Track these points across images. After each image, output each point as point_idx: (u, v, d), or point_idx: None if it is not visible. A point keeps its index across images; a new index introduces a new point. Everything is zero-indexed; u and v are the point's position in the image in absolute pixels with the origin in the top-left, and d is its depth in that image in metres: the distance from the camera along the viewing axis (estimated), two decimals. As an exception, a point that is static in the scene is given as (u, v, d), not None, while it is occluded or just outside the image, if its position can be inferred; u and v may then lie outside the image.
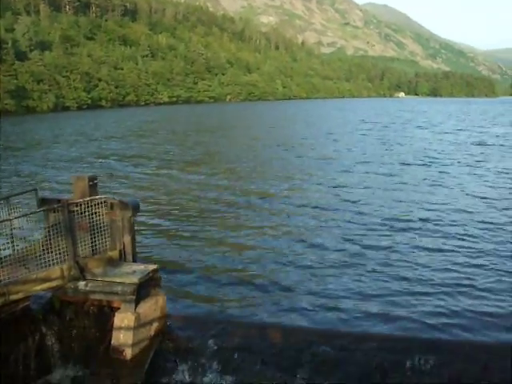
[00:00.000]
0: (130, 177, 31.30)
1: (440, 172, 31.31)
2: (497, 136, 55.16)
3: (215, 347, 10.83)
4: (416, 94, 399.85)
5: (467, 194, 24.83)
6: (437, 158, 37.28)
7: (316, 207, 22.20)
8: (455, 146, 45.81)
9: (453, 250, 16.37)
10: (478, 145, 46.41)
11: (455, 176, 29.89)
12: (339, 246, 16.89)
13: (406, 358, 10.25)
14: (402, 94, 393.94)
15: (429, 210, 21.52)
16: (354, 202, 22.90)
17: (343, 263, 15.26)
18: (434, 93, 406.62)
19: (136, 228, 12.28)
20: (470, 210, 21.50)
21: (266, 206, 22.91)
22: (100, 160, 39.09)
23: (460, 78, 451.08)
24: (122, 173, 32.94)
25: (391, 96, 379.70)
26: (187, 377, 10.62)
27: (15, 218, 11.02)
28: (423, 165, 34.46)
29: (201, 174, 31.84)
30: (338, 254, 16.07)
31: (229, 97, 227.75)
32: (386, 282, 13.77)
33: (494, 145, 46.43)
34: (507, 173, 30.93)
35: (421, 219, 19.80)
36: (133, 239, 11.74)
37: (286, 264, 15.13)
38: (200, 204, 23.52)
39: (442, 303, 12.50)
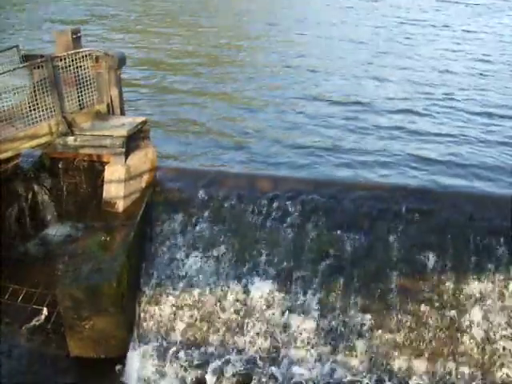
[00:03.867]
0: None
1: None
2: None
3: (206, 197, 11.00)
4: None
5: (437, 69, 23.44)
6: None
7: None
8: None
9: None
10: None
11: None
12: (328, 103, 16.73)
13: (394, 206, 10.46)
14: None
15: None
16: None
17: (326, 120, 15.15)
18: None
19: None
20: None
21: (247, 59, 22.23)
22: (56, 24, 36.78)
23: None
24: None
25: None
26: (178, 227, 10.88)
27: (-3, 75, 10.71)
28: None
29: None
30: (322, 111, 15.96)
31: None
32: (375, 135, 13.78)
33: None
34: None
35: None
36: (120, 92, 11.57)
37: (276, 119, 15.03)
38: (181, 59, 22.76)
39: (429, 155, 12.59)
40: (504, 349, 9.48)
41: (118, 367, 10.11)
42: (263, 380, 9.60)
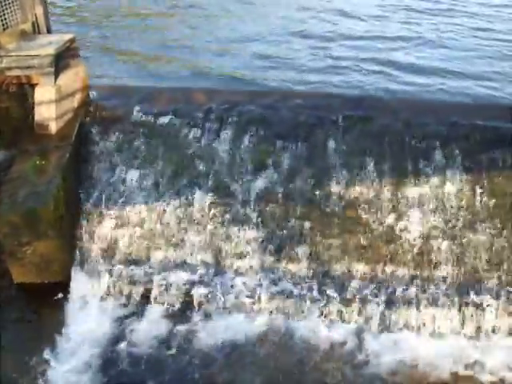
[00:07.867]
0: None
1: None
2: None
3: (141, 113, 10.83)
4: None
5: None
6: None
7: None
8: None
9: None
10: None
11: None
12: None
13: (331, 114, 10.48)
14: None
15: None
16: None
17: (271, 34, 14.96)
18: None
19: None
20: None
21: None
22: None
23: None
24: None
25: None
26: (114, 145, 10.70)
27: None
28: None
29: None
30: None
31: None
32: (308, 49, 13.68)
33: None
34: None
35: None
36: (45, 10, 11.10)
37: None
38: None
39: (366, 65, 12.62)
40: (439, 249, 9.74)
41: (61, 290, 10.00)
42: (207, 291, 9.70)
